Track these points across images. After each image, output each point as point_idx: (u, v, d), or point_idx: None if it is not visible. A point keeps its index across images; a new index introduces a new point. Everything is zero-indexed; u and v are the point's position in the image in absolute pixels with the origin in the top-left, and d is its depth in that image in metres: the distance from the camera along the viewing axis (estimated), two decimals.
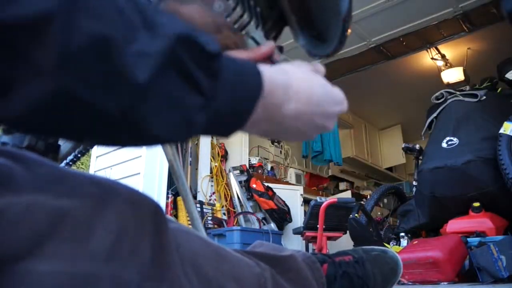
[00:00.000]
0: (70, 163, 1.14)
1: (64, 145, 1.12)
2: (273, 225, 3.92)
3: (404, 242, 2.60)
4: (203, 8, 0.57)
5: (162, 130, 0.33)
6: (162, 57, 0.31)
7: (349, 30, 0.66)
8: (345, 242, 3.26)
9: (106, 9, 0.29)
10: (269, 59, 0.57)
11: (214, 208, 3.90)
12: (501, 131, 2.17)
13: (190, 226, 1.23)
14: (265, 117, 0.42)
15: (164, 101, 0.32)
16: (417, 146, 2.86)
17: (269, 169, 4.84)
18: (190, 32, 0.34)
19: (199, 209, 3.66)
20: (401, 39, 4.06)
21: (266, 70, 0.42)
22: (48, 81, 0.27)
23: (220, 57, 0.36)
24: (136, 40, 0.30)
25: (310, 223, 3.01)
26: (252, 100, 0.39)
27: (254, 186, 4.09)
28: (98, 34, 0.28)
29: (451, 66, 4.71)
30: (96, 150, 4.04)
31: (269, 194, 4.08)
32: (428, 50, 4.45)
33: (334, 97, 0.49)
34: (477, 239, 1.99)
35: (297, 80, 0.45)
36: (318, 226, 2.85)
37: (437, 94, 2.85)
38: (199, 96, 0.34)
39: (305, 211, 4.08)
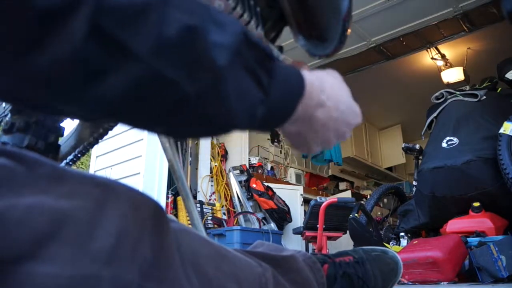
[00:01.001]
0: (70, 162, 1.14)
1: (64, 145, 1.12)
2: (273, 225, 3.92)
3: (404, 242, 2.60)
4: None
5: (231, 115, 0.37)
6: (234, 50, 0.35)
7: (349, 30, 0.66)
8: (345, 242, 3.26)
9: (190, 3, 0.34)
10: None
11: (214, 208, 3.90)
12: (501, 131, 2.17)
13: (190, 226, 1.23)
14: (301, 116, 0.45)
15: (236, 89, 0.36)
16: (417, 146, 2.86)
17: (269, 169, 4.84)
18: (250, 33, 0.38)
19: (199, 209, 3.66)
20: (401, 39, 4.06)
21: (305, 73, 0.45)
22: (142, 66, 0.31)
23: (274, 58, 0.40)
24: (212, 32, 0.34)
25: (310, 223, 3.01)
26: (297, 98, 0.44)
27: (254, 186, 4.09)
28: (186, 24, 0.32)
29: (451, 66, 4.71)
30: (97, 150, 4.04)
31: (269, 194, 4.08)
32: (428, 50, 4.45)
33: (355, 108, 0.52)
34: (477, 239, 1.99)
35: (329, 87, 0.48)
36: (318, 226, 2.85)
37: (437, 94, 2.85)
38: (261, 91, 0.38)
39: (305, 211, 4.08)
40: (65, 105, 0.34)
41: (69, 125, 1.17)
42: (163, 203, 3.50)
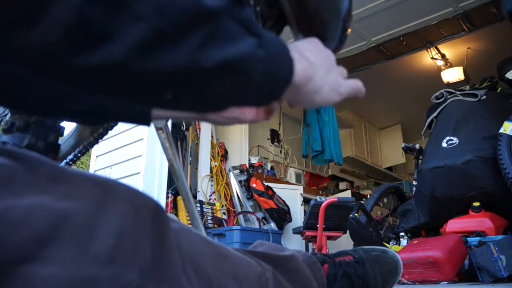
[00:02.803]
0: (70, 162, 1.14)
1: (64, 144, 1.12)
2: (273, 225, 3.92)
3: (404, 241, 2.60)
4: None
5: (234, 52, 0.36)
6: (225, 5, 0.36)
7: (349, 30, 0.66)
8: (345, 241, 3.26)
9: None
10: None
11: (214, 207, 3.90)
12: (501, 130, 2.17)
13: (190, 226, 1.23)
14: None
15: (231, 31, 0.37)
16: (417, 146, 2.86)
17: (269, 168, 4.84)
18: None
19: (199, 208, 3.66)
20: (401, 38, 4.06)
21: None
22: (146, 24, 0.31)
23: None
24: None
25: (310, 222, 3.01)
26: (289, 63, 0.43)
27: (254, 185, 4.09)
28: None
29: (451, 66, 4.71)
30: (96, 150, 4.04)
31: (269, 193, 4.08)
32: (428, 49, 4.45)
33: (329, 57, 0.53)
34: (477, 238, 2.00)
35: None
36: (318, 225, 2.85)
37: (437, 93, 2.85)
38: (253, 36, 0.38)
39: (305, 210, 4.08)
40: (64, 84, 0.34)
41: (69, 125, 1.17)
42: (163, 202, 3.50)
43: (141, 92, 0.36)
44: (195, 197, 3.84)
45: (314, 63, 0.47)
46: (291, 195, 4.39)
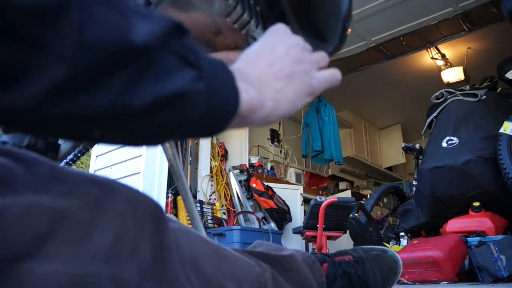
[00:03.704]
0: (70, 162, 1.14)
1: (64, 144, 1.12)
2: (273, 225, 3.92)
3: (404, 241, 2.60)
4: (203, 8, 0.57)
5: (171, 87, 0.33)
6: (161, 36, 0.33)
7: (349, 30, 0.66)
8: (345, 241, 3.26)
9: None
10: None
11: (214, 207, 3.90)
12: (501, 130, 2.17)
13: (190, 226, 1.23)
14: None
15: (165, 66, 0.34)
16: (417, 146, 2.86)
17: (269, 168, 4.84)
18: (178, 26, 0.36)
19: (199, 208, 3.66)
20: (401, 38, 4.06)
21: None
22: (63, 67, 0.29)
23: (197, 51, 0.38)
24: (136, 23, 0.32)
25: (310, 222, 3.01)
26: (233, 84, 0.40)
27: (254, 185, 4.09)
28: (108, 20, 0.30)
29: (451, 66, 4.71)
30: (96, 150, 4.04)
31: (269, 193, 4.08)
32: (428, 49, 4.45)
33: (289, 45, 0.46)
34: (477, 238, 2.00)
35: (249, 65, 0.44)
36: (318, 225, 2.85)
37: (437, 93, 2.85)
38: (191, 67, 0.35)
39: (305, 210, 4.08)
40: None
41: None
42: (163, 202, 3.50)
43: (66, 132, 0.34)
44: (195, 197, 3.84)
45: (264, 84, 0.42)
46: (291, 195, 4.39)
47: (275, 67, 0.44)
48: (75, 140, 0.38)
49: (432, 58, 4.67)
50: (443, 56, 4.71)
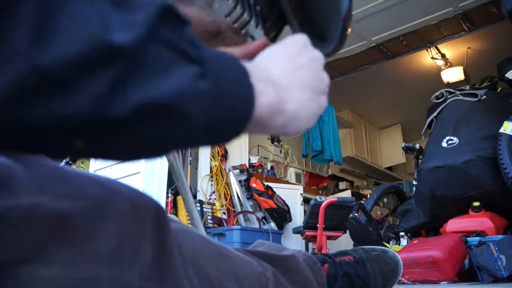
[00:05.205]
0: (70, 162, 1.14)
1: None
2: (273, 225, 3.92)
3: (404, 241, 2.60)
4: (202, 7, 0.57)
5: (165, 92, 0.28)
6: (147, 27, 0.28)
7: (349, 29, 0.65)
8: (345, 241, 3.26)
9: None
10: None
11: (214, 207, 3.90)
12: (501, 130, 2.17)
13: (190, 226, 1.23)
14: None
15: (158, 62, 0.28)
16: (417, 146, 2.86)
17: (269, 168, 4.84)
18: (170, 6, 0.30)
19: (199, 208, 3.66)
20: (401, 38, 4.06)
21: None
22: (24, 64, 0.24)
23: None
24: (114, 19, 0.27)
25: (310, 222, 3.01)
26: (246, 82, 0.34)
27: (254, 185, 4.09)
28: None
29: (451, 66, 4.71)
30: None
31: (269, 193, 4.08)
32: (428, 49, 4.45)
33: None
34: (477, 238, 2.00)
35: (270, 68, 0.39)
36: (318, 225, 2.85)
37: (437, 93, 2.84)
38: (193, 64, 0.30)
39: (305, 210, 4.08)
40: None
41: None
42: (163, 202, 3.50)
43: (40, 145, 0.27)
44: (195, 197, 3.84)
45: (288, 87, 0.37)
46: (291, 195, 4.39)
47: (301, 74, 0.40)
48: (54, 155, 0.30)
49: (432, 58, 4.67)
50: (443, 56, 4.71)
